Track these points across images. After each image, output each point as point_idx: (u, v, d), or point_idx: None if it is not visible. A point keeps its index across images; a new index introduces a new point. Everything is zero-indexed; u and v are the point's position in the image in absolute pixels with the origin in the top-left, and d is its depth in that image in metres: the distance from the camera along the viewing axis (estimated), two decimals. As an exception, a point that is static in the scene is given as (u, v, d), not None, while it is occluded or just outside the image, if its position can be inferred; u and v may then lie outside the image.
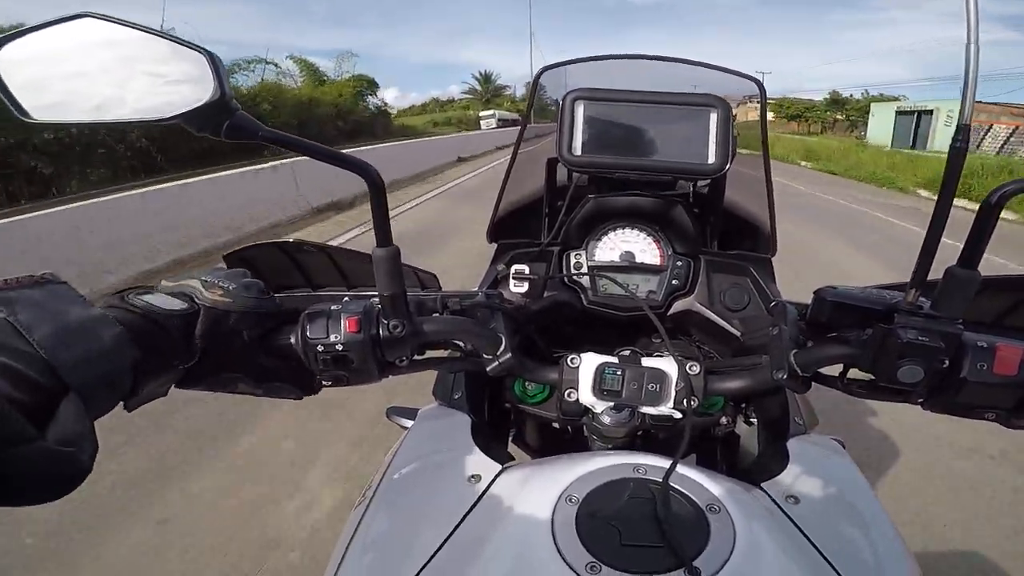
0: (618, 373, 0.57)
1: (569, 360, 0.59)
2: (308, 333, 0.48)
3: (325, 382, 0.51)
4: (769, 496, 0.51)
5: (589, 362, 0.59)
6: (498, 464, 0.54)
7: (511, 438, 0.85)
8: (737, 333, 0.77)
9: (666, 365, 0.57)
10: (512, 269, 0.78)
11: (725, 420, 0.72)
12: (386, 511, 0.52)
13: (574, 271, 0.82)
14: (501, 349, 0.56)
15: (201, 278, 0.46)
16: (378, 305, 0.49)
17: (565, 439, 0.79)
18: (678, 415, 0.57)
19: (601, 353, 0.61)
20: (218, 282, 0.45)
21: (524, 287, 0.78)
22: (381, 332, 0.49)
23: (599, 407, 0.59)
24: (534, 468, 0.53)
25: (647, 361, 0.58)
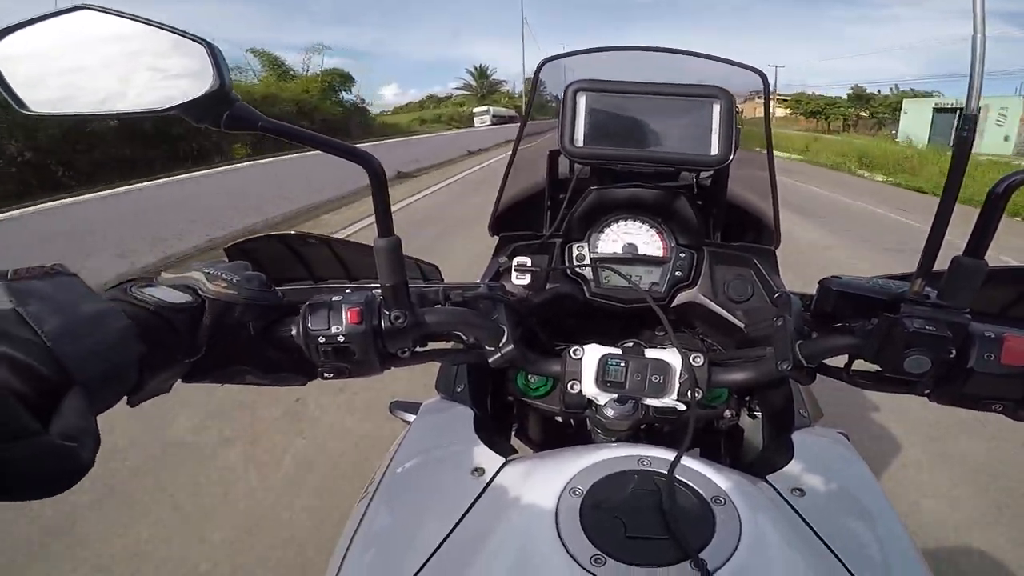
0: (621, 364, 0.57)
1: (572, 352, 0.59)
2: (309, 324, 0.48)
3: (327, 374, 0.51)
4: (774, 489, 0.50)
5: (592, 354, 0.58)
6: (501, 457, 0.53)
7: (514, 432, 0.85)
8: (741, 325, 0.76)
9: (670, 356, 0.57)
10: (514, 261, 0.78)
11: (729, 413, 0.71)
12: (390, 505, 0.52)
13: (576, 263, 0.81)
14: (503, 341, 0.56)
15: (204, 270, 0.45)
16: (380, 296, 0.49)
17: (568, 432, 0.79)
18: (682, 407, 0.57)
19: (604, 345, 0.60)
20: (221, 274, 0.45)
21: (526, 279, 0.77)
22: (383, 323, 0.48)
23: (602, 399, 0.59)
24: (537, 461, 0.53)
25: (650, 352, 0.58)
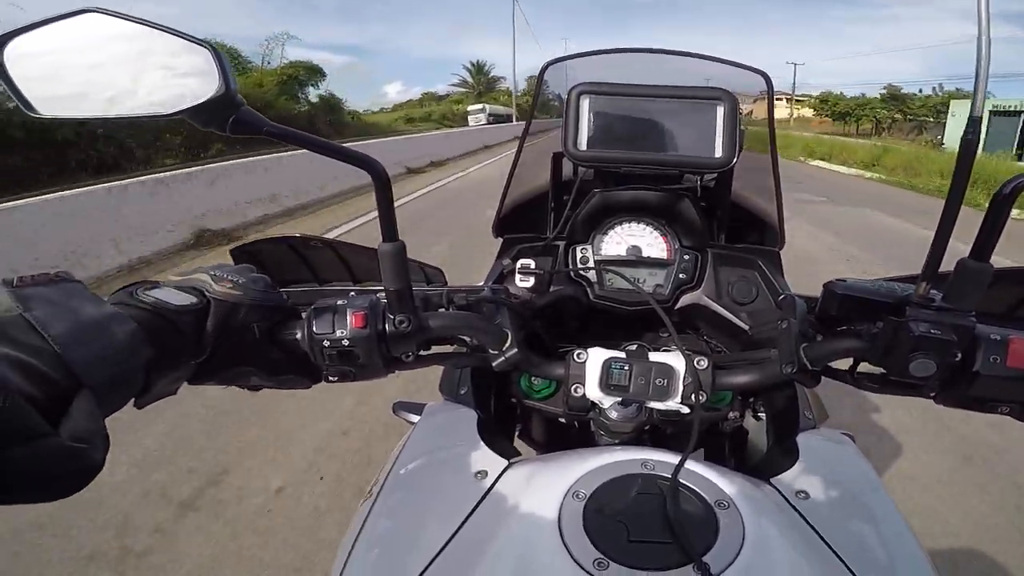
0: (625, 368, 0.57)
1: (576, 355, 0.59)
2: (314, 328, 0.48)
3: (331, 377, 0.51)
4: (778, 491, 0.50)
5: (596, 357, 0.58)
6: (505, 460, 0.53)
7: (517, 433, 0.85)
8: (745, 327, 0.76)
9: (673, 360, 0.57)
10: (518, 264, 0.78)
11: (733, 415, 0.71)
12: (393, 507, 0.52)
13: (580, 265, 0.81)
14: (507, 344, 0.56)
15: (210, 272, 0.46)
16: (384, 300, 0.49)
17: (572, 434, 0.79)
18: (686, 410, 0.57)
19: (608, 347, 0.60)
20: (227, 275, 0.46)
21: (530, 282, 0.77)
22: (387, 327, 0.49)
23: (606, 402, 0.59)
24: (540, 463, 0.53)
25: (654, 356, 0.58)
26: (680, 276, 0.80)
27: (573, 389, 0.59)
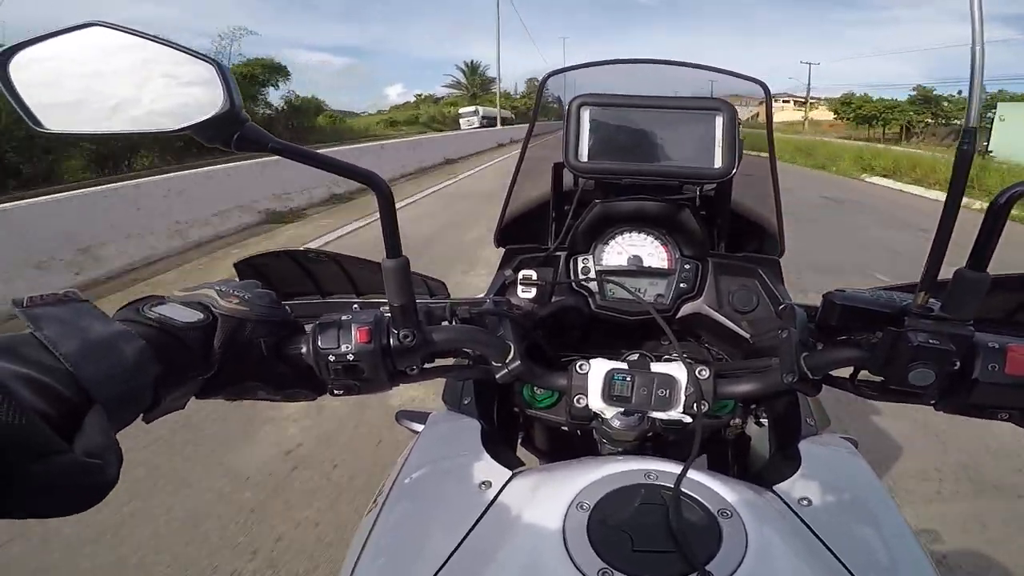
0: (627, 379, 0.57)
1: (578, 366, 0.59)
2: (319, 343, 0.48)
3: (336, 391, 0.51)
4: (781, 499, 0.50)
5: (598, 368, 0.58)
6: (508, 470, 0.54)
7: (520, 441, 0.85)
8: (746, 335, 0.76)
9: (675, 370, 0.57)
10: (520, 275, 0.78)
11: (735, 422, 0.72)
12: (398, 517, 0.52)
13: (582, 276, 0.82)
14: (510, 357, 0.56)
15: (216, 288, 0.46)
16: (388, 315, 0.49)
17: (574, 442, 0.79)
18: (688, 419, 0.57)
19: (610, 356, 0.60)
20: (233, 291, 0.46)
21: (532, 292, 0.78)
22: (391, 342, 0.49)
23: (608, 413, 0.59)
24: (544, 474, 0.53)
25: (656, 366, 0.58)
26: (681, 285, 0.80)
27: (576, 400, 0.59)
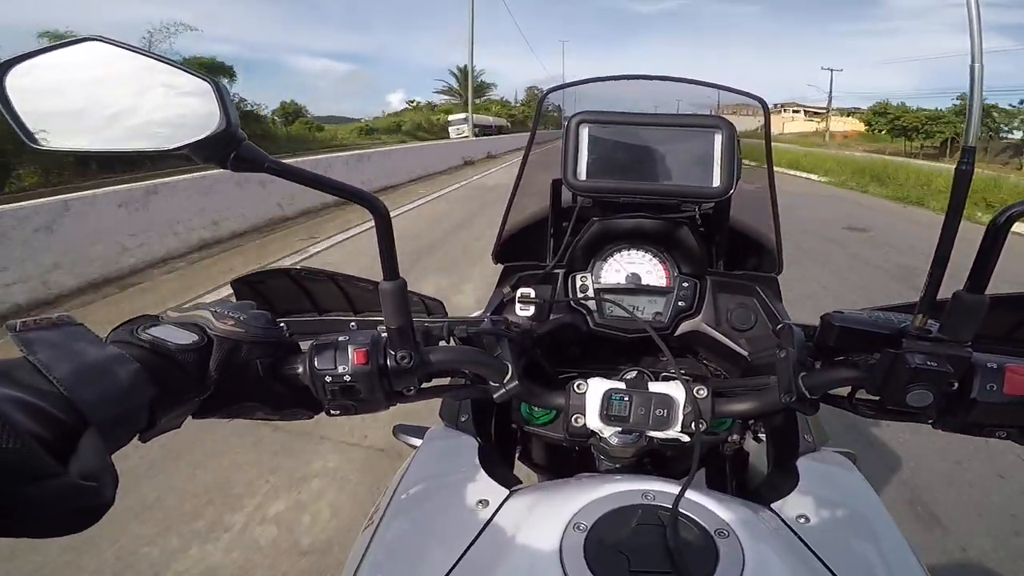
0: (625, 399, 0.57)
1: (576, 386, 0.59)
2: (316, 364, 0.48)
3: (333, 411, 0.51)
4: (779, 517, 0.50)
5: (596, 387, 0.58)
6: (505, 489, 0.53)
7: (518, 456, 0.84)
8: (744, 353, 0.76)
9: (673, 390, 0.57)
10: (518, 292, 0.78)
11: (733, 438, 0.71)
12: (395, 536, 0.52)
13: (580, 294, 0.81)
14: (508, 377, 0.56)
15: (211, 309, 0.46)
16: (385, 335, 0.49)
17: (572, 458, 0.79)
18: (686, 438, 0.57)
19: (608, 372, 0.60)
20: (229, 312, 0.46)
21: (530, 310, 0.77)
22: (388, 363, 0.49)
23: (606, 432, 0.59)
24: (541, 493, 0.52)
25: (654, 386, 0.58)
26: (679, 304, 0.80)
27: (573, 419, 0.59)
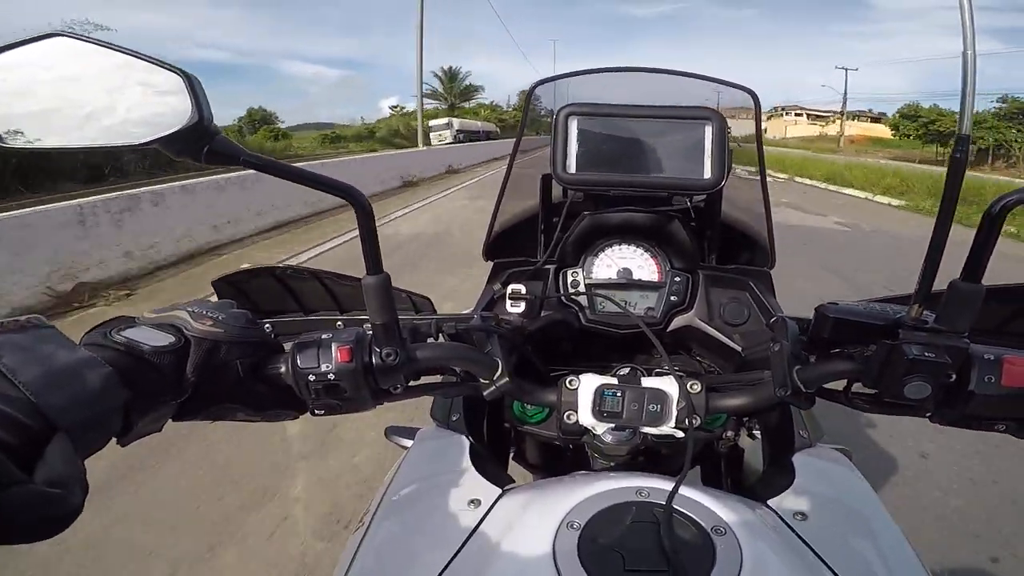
0: (618, 394, 0.56)
1: (568, 382, 0.58)
2: (299, 363, 0.46)
3: (317, 411, 0.50)
4: (776, 514, 0.50)
5: (588, 384, 0.57)
6: (498, 488, 0.52)
7: (511, 455, 0.83)
8: (738, 348, 0.76)
9: (666, 385, 0.56)
10: (508, 289, 0.76)
11: (728, 435, 0.71)
12: (386, 537, 0.51)
13: (571, 290, 0.80)
14: (498, 374, 0.55)
15: (189, 309, 0.45)
16: (370, 332, 0.48)
17: (566, 456, 0.78)
18: (680, 434, 0.56)
19: (601, 369, 0.60)
20: (207, 312, 0.44)
21: (521, 307, 0.76)
22: (374, 360, 0.47)
23: (599, 428, 0.58)
24: (534, 492, 0.52)
25: (647, 381, 0.57)
26: (672, 298, 0.79)
27: (566, 416, 0.58)
